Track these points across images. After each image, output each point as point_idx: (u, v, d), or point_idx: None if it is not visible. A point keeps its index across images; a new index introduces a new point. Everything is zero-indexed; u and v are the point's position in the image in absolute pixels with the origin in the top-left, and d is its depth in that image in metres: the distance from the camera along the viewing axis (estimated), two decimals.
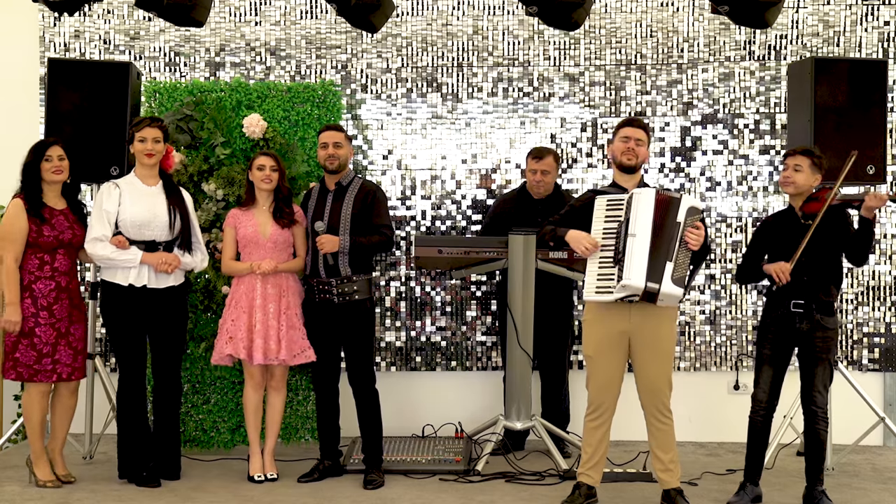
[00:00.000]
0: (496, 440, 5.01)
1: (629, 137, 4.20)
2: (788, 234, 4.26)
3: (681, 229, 4.00)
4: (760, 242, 4.41)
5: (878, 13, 5.69)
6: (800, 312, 4.20)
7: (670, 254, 3.97)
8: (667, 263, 3.95)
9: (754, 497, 4.33)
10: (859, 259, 4.28)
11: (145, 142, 4.53)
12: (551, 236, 4.22)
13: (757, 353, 4.37)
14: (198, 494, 4.46)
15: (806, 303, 4.20)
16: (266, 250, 4.66)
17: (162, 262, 4.48)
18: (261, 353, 4.58)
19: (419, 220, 5.76)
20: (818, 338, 4.19)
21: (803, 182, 4.24)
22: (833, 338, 4.23)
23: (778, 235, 4.32)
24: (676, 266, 3.97)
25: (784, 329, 4.25)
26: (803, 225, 4.22)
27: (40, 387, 4.52)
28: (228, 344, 4.60)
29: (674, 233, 3.99)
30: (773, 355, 4.28)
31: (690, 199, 4.08)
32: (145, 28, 5.79)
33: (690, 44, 5.74)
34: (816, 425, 4.23)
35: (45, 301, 4.47)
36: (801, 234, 4.18)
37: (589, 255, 4.07)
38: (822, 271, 4.21)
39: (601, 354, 4.13)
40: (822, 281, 4.21)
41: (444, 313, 5.74)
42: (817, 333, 4.19)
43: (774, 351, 4.28)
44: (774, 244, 4.33)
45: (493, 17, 5.77)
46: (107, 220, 4.48)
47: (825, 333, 4.20)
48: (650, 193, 4.06)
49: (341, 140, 4.71)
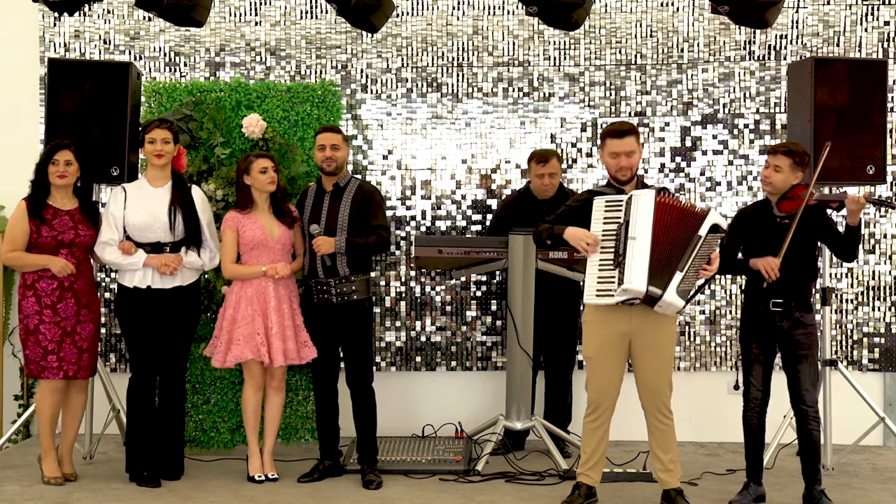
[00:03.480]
0: (496, 440, 5.01)
1: (618, 153, 4.08)
2: (763, 231, 4.26)
3: (700, 243, 3.95)
4: (735, 235, 4.37)
5: (878, 13, 5.69)
6: (779, 311, 4.21)
7: (682, 264, 3.93)
8: (676, 273, 3.92)
9: (757, 497, 4.33)
10: (849, 257, 4.30)
11: (154, 143, 4.55)
12: (548, 234, 4.14)
13: (744, 352, 4.36)
14: (198, 494, 4.46)
15: (785, 301, 4.20)
16: (275, 252, 4.65)
17: (161, 264, 4.49)
18: (281, 355, 4.57)
19: (419, 220, 5.76)
20: (799, 335, 4.20)
21: (781, 183, 4.24)
22: (814, 334, 4.24)
23: (752, 230, 4.29)
24: (685, 278, 3.94)
25: (766, 327, 4.25)
26: (779, 223, 4.22)
27: (50, 383, 4.53)
28: (246, 347, 4.55)
29: (691, 243, 3.94)
30: (760, 353, 4.29)
31: (716, 216, 3.99)
32: (145, 28, 5.79)
33: (690, 44, 5.74)
34: (808, 425, 4.22)
35: (48, 300, 4.48)
36: (777, 231, 4.18)
37: (589, 254, 4.01)
38: (799, 270, 4.21)
39: (601, 356, 4.12)
40: (799, 279, 4.22)
41: (444, 313, 5.74)
42: (798, 331, 4.20)
43: (761, 349, 4.29)
44: (748, 238, 4.31)
45: (493, 17, 5.77)
46: (114, 224, 4.52)
47: (806, 330, 4.21)
48: (649, 196, 3.99)
49: (339, 142, 4.70)
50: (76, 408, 4.69)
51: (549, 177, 5.20)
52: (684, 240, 3.96)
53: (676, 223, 3.98)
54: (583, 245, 4.01)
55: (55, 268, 4.46)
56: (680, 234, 3.97)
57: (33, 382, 4.80)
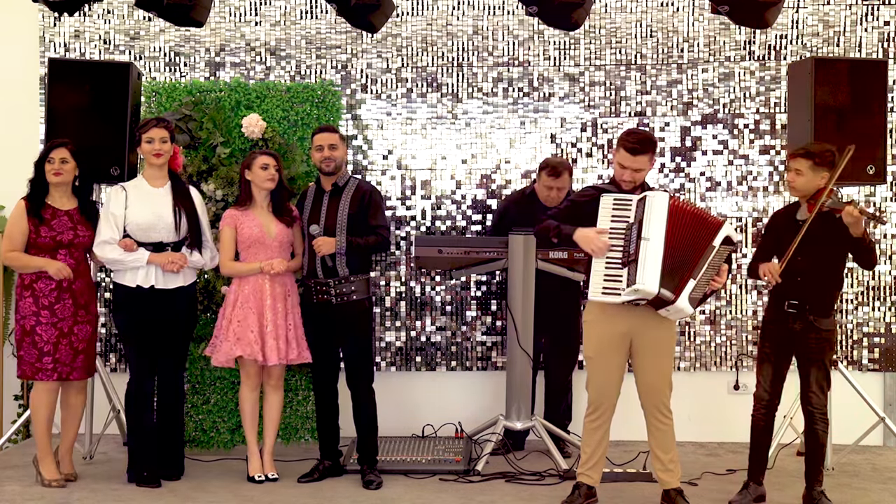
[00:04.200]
0: (496, 440, 5.01)
1: (626, 168, 4.07)
2: (784, 233, 4.25)
3: (713, 253, 3.96)
4: (766, 237, 4.42)
5: (878, 13, 5.69)
6: (793, 313, 4.20)
7: (696, 272, 3.94)
8: (690, 280, 3.92)
9: (757, 497, 4.33)
10: (865, 265, 4.29)
11: (153, 142, 4.54)
12: (556, 233, 4.10)
13: (758, 351, 4.37)
14: (198, 494, 4.46)
15: (800, 303, 4.18)
16: (272, 250, 4.65)
17: (169, 262, 4.49)
18: (275, 354, 4.57)
19: (419, 220, 5.76)
20: (812, 339, 4.18)
21: (804, 185, 4.17)
22: (828, 339, 4.21)
23: (777, 232, 4.32)
24: (697, 286, 3.95)
25: (781, 328, 4.25)
26: (798, 225, 4.20)
27: (45, 385, 4.53)
28: (237, 345, 4.56)
29: (705, 252, 3.95)
30: (772, 353, 4.28)
31: (730, 229, 4.02)
32: (145, 28, 5.78)
33: (690, 44, 5.74)
34: (815, 425, 4.22)
35: (46, 300, 4.47)
36: (795, 233, 4.16)
37: (599, 257, 4.00)
38: (817, 273, 4.17)
39: (602, 355, 4.12)
40: (817, 282, 4.18)
41: (444, 313, 5.74)
42: (811, 335, 4.18)
43: (774, 349, 4.28)
44: (774, 241, 4.33)
45: (493, 17, 5.77)
46: (114, 223, 4.50)
47: (819, 335, 4.18)
48: (664, 199, 3.97)
49: (336, 141, 4.70)
50: (75, 408, 4.68)
51: (558, 190, 5.16)
52: (696, 246, 3.96)
53: (689, 228, 3.98)
54: (593, 248, 3.99)
55: (52, 270, 4.45)
56: (692, 240, 3.97)
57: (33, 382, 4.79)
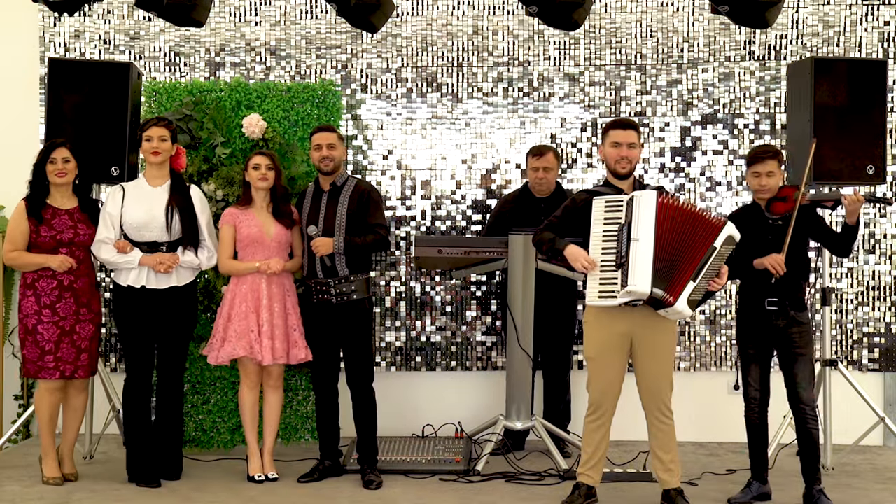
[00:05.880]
0: (496, 440, 5.01)
1: (620, 143, 4.12)
2: (758, 233, 4.26)
3: (714, 255, 3.96)
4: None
5: (878, 13, 5.69)
6: (774, 310, 4.23)
7: (696, 274, 3.93)
8: (689, 283, 3.92)
9: (760, 494, 4.34)
10: (844, 252, 4.34)
11: (151, 140, 4.55)
12: (549, 247, 4.15)
13: (741, 352, 4.38)
14: (198, 494, 4.46)
15: (780, 300, 4.22)
16: (270, 250, 4.65)
17: (157, 263, 4.49)
18: (269, 354, 4.58)
19: (419, 220, 5.76)
20: (794, 333, 4.23)
21: (776, 185, 4.28)
22: (809, 332, 4.27)
23: (745, 234, 4.23)
24: (697, 288, 3.95)
25: (762, 327, 4.27)
26: (773, 224, 4.25)
27: (48, 384, 4.53)
28: (237, 344, 4.57)
29: (705, 254, 3.95)
30: (757, 354, 4.31)
31: (732, 228, 4.01)
32: (145, 28, 5.79)
33: (690, 44, 5.74)
34: (807, 424, 4.24)
35: (47, 299, 4.48)
36: (772, 232, 4.22)
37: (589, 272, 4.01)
38: (792, 268, 4.22)
39: (602, 356, 4.12)
40: (793, 278, 4.23)
41: (444, 313, 5.74)
42: (793, 329, 4.23)
43: (758, 350, 4.31)
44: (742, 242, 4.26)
45: (493, 17, 5.77)
46: (111, 223, 4.52)
47: (801, 328, 4.24)
48: (651, 197, 3.98)
49: (335, 141, 4.70)
50: (77, 407, 4.68)
51: (544, 171, 5.20)
52: (693, 243, 3.96)
53: (682, 224, 3.97)
54: (580, 265, 4.02)
55: (54, 264, 4.45)
56: (686, 237, 3.97)
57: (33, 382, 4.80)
